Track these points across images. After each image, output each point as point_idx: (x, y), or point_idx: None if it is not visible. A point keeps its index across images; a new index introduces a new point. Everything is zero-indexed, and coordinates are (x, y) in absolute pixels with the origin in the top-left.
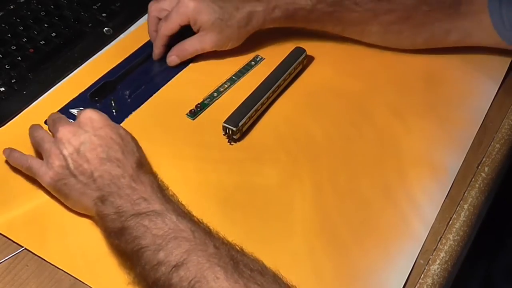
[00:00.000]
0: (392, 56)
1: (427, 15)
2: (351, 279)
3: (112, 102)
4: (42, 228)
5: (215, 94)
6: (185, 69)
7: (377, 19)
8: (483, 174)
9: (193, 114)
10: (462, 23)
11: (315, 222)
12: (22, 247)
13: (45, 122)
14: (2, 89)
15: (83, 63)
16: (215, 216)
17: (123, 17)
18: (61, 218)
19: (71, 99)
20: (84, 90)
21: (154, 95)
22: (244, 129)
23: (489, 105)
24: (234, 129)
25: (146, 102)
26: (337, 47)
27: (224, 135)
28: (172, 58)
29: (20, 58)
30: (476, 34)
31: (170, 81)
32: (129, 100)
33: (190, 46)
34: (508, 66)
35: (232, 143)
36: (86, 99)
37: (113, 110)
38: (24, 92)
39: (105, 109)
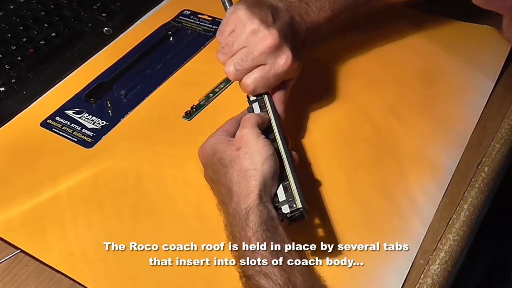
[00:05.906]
0: (389, 55)
1: None
2: (349, 278)
3: (108, 102)
4: (40, 230)
5: (211, 95)
6: (180, 69)
7: None
8: (483, 174)
9: (189, 115)
10: None
11: (314, 220)
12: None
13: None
14: (2, 89)
15: (83, 63)
16: (215, 215)
17: (123, 17)
18: (59, 220)
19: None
20: (80, 91)
21: (150, 95)
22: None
23: (486, 102)
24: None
25: (142, 102)
26: (335, 46)
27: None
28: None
29: (20, 58)
30: None
31: (166, 81)
32: (124, 100)
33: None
34: (503, 62)
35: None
36: (82, 100)
37: (109, 111)
38: (24, 92)
39: (100, 110)
